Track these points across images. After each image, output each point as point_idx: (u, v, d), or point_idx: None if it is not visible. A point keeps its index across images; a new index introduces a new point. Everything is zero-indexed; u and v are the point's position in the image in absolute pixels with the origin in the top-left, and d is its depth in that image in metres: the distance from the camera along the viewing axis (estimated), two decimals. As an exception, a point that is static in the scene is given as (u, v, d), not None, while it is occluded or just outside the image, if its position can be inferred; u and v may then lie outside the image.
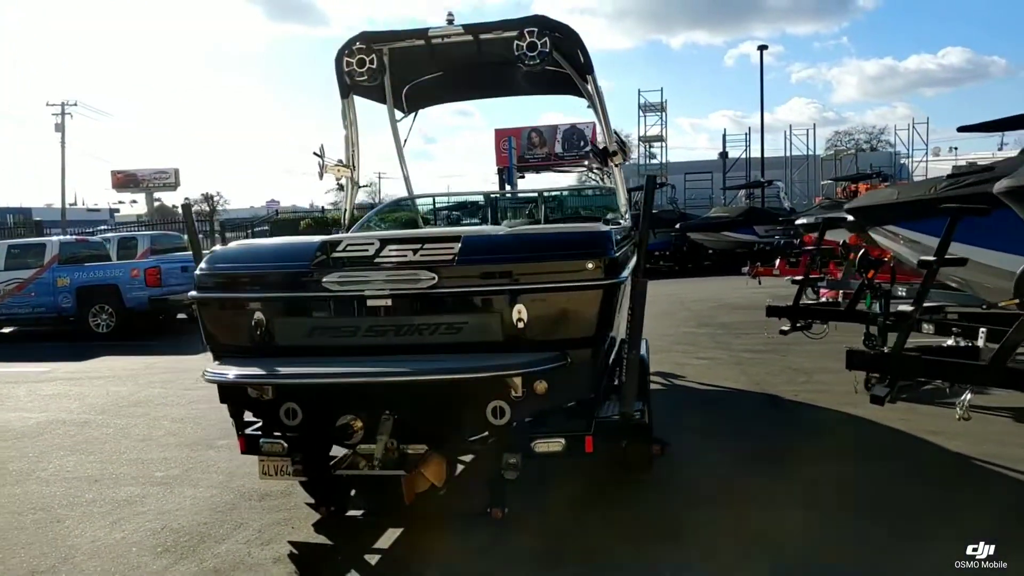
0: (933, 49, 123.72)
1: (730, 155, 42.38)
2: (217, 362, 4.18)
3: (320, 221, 30.12)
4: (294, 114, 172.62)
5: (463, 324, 4.04)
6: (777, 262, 14.75)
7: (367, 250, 4.05)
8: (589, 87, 5.90)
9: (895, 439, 5.99)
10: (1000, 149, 54.38)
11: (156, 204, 64.21)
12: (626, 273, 4.23)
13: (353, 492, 4.88)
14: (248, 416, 4.58)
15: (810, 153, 42.30)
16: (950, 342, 6.02)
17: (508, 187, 28.39)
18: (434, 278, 3.94)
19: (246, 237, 30.78)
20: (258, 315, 4.16)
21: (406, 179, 7.86)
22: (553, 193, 8.32)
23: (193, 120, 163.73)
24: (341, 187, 8.07)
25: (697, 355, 9.97)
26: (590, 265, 3.95)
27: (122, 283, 13.91)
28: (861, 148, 48.83)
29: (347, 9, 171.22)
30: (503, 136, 39.33)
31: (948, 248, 4.81)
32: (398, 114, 7.35)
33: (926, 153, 40.52)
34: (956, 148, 46.35)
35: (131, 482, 5.59)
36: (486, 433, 4.09)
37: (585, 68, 5.78)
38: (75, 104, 50.40)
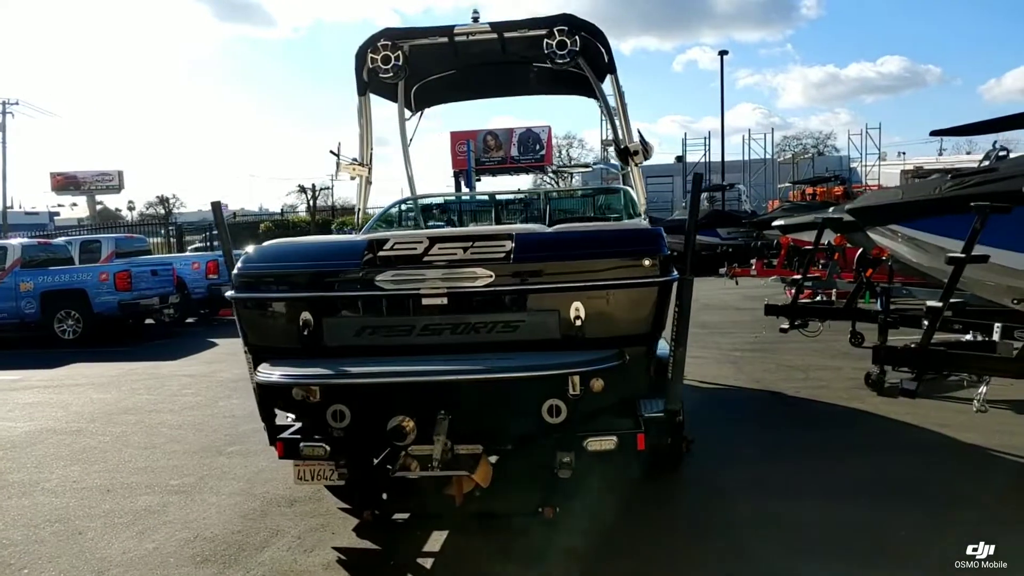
0: (872, 57, 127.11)
1: (688, 159, 42.93)
2: (266, 364, 4.04)
3: (281, 224, 29.57)
4: (243, 116, 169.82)
5: (520, 322, 3.99)
6: (754, 263, 14.96)
7: (415, 248, 3.98)
8: (610, 86, 5.90)
9: (909, 432, 6.11)
10: (940, 155, 56.25)
11: (99, 207, 62.41)
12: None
13: (384, 495, 4.77)
14: (280, 420, 4.49)
15: (768, 157, 43.22)
16: (968, 337, 6.15)
17: (465, 188, 28.34)
18: (491, 276, 3.89)
19: (206, 240, 30.18)
20: (305, 315, 4.05)
21: (410, 179, 7.77)
22: (553, 193, 8.29)
23: (139, 122, 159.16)
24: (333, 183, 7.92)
25: (689, 354, 10.01)
26: (646, 262, 3.94)
27: (90, 287, 13.45)
28: (807, 153, 49.95)
29: (294, 10, 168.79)
30: (459, 139, 39.18)
31: (974, 245, 4.92)
32: (405, 112, 7.26)
33: (878, 157, 41.66)
34: (904, 153, 47.83)
35: (146, 491, 5.40)
36: (541, 432, 4.05)
37: (609, 67, 5.77)
38: (16, 103, 48.58)
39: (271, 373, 3.92)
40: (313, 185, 28.50)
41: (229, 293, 4.20)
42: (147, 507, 5.07)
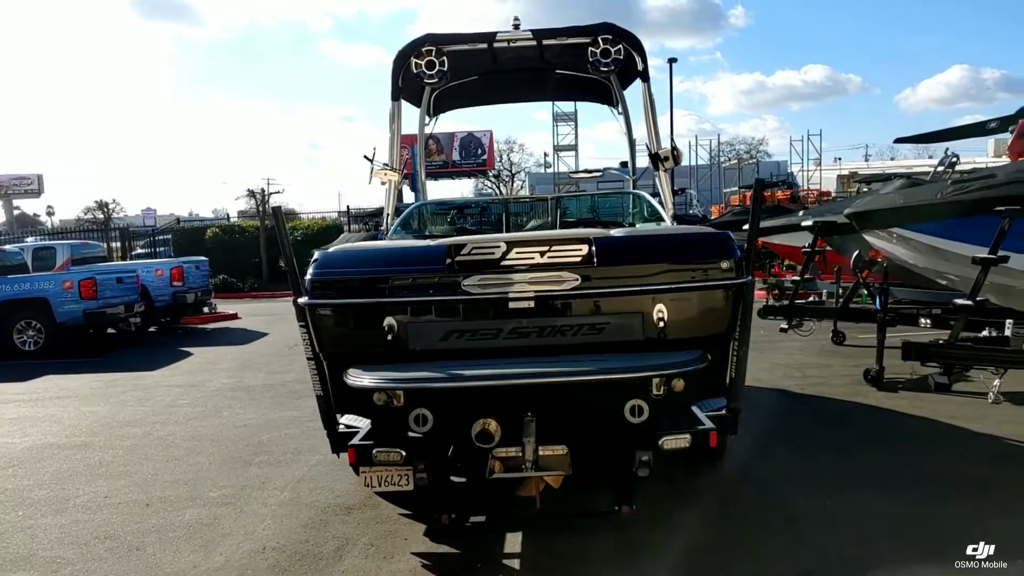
0: (796, 66, 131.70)
1: (627, 165, 43.50)
2: (355, 368, 4.02)
3: (228, 229, 28.87)
4: (173, 117, 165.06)
5: (605, 324, 4.08)
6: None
7: (493, 253, 4.03)
8: (641, 94, 6.02)
9: (924, 426, 6.39)
10: (866, 160, 58.47)
11: (16, 212, 59.80)
12: None
13: (436, 499, 4.76)
14: (342, 427, 4.46)
15: (714, 163, 44.26)
16: (985, 333, 6.48)
17: (414, 193, 28.24)
18: (577, 279, 3.97)
19: (148, 246, 29.27)
20: (390, 319, 4.05)
21: (422, 184, 7.78)
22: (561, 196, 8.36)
23: (61, 125, 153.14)
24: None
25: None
26: (724, 265, 4.10)
27: (53, 296, 12.92)
28: (751, 159, 51.38)
29: (225, 10, 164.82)
30: (402, 143, 38.98)
31: (999, 246, 5.22)
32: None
33: (819, 163, 43.13)
34: (839, 159, 49.67)
35: (188, 504, 5.27)
36: (622, 431, 4.13)
37: (643, 75, 5.90)
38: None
39: (364, 377, 3.92)
40: (263, 190, 28.00)
41: (302, 300, 4.15)
42: (197, 520, 4.96)
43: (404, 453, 4.10)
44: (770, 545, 4.30)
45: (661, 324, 4.02)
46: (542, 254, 4.02)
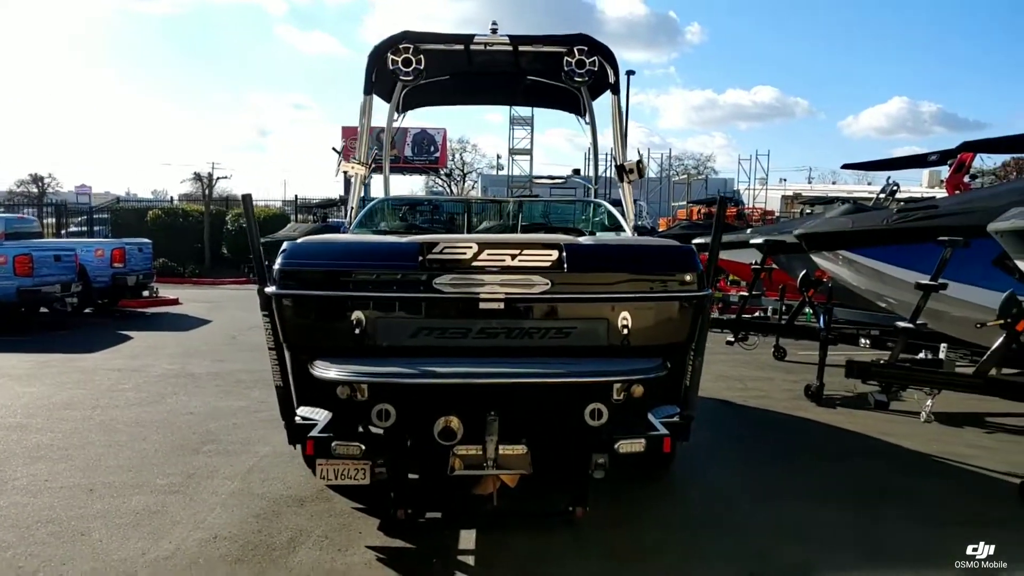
0: (747, 86, 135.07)
1: (580, 173, 43.95)
2: (322, 360, 4.02)
3: (171, 212, 28.15)
4: (113, 92, 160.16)
5: (572, 328, 4.17)
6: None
7: (464, 253, 4.08)
8: (610, 105, 6.13)
9: (859, 440, 6.66)
10: (809, 182, 60.08)
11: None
12: None
13: (392, 492, 4.77)
14: (299, 418, 4.45)
15: (664, 176, 45.04)
16: (921, 355, 6.78)
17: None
18: (547, 283, 4.05)
19: (84, 224, 28.39)
20: (359, 314, 4.06)
21: (386, 179, 7.76)
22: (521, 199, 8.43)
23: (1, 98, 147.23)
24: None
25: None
26: (688, 278, 4.24)
27: (-15, 271, 12.48)
28: (700, 175, 52.38)
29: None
30: (351, 135, 38.74)
31: (940, 274, 5.49)
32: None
33: (766, 181, 44.24)
34: (784, 179, 51.07)
35: (134, 491, 5.17)
36: (581, 434, 4.22)
37: (613, 87, 6.01)
38: None
39: (331, 369, 3.92)
40: (210, 174, 27.41)
41: (269, 289, 4.13)
42: (145, 507, 4.88)
43: (363, 447, 4.12)
44: (718, 548, 4.43)
45: (625, 331, 4.13)
46: (513, 257, 4.09)
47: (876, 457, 6.19)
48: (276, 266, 4.16)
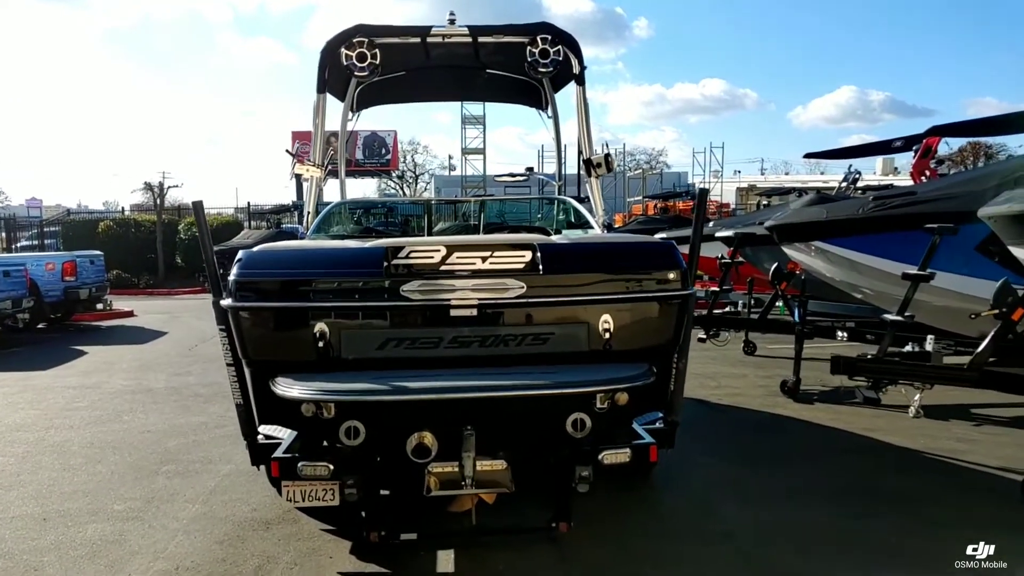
0: (696, 79, 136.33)
1: (535, 171, 43.84)
2: (284, 377, 3.77)
3: (122, 223, 27.40)
4: (60, 104, 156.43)
5: (550, 334, 3.97)
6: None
7: (432, 257, 3.87)
8: (574, 97, 5.95)
9: (843, 437, 6.56)
10: (762, 173, 60.67)
11: None
12: None
13: (364, 514, 4.54)
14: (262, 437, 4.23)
15: (618, 171, 44.96)
16: (908, 348, 6.67)
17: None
18: (523, 287, 3.85)
19: (34, 238, 27.56)
20: (322, 326, 3.83)
21: (342, 182, 7.49)
22: (486, 199, 8.21)
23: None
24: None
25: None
26: (671, 276, 4.05)
27: (-72, 289, 11.93)
28: (654, 169, 52.63)
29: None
30: (302, 139, 38.23)
31: (929, 263, 5.37)
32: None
33: (721, 174, 44.46)
34: (739, 171, 51.45)
35: (89, 519, 4.87)
36: (562, 446, 4.02)
37: (578, 78, 5.83)
38: None
39: (294, 387, 3.67)
40: (160, 183, 26.67)
41: (225, 302, 3.87)
42: (101, 536, 4.58)
43: (331, 467, 3.90)
44: (711, 561, 4.26)
45: (607, 335, 3.95)
46: (483, 259, 3.88)
47: (863, 454, 6.08)
48: (231, 277, 3.90)
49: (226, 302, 3.86)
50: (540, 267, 3.87)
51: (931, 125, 11.31)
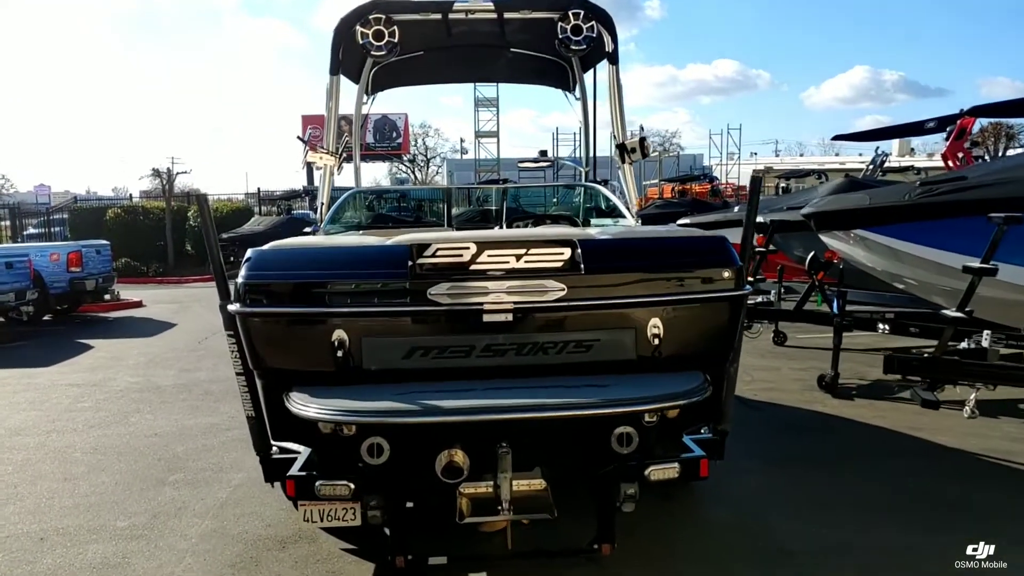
0: (708, 60, 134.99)
1: (548, 154, 43.26)
2: (300, 392, 3.39)
3: (131, 210, 27.06)
4: (70, 89, 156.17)
5: (594, 341, 3.57)
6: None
7: (461, 255, 3.46)
8: (609, 78, 5.52)
9: (889, 438, 6.15)
10: (776, 155, 60.04)
11: None
12: None
13: (388, 532, 4.17)
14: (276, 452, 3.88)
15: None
16: (963, 345, 6.24)
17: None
18: (564, 289, 3.45)
19: (42, 227, 27.27)
20: (339, 333, 3.44)
21: (356, 168, 7.09)
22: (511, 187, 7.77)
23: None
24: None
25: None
26: (727, 273, 3.65)
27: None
28: (670, 152, 51.92)
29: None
30: (312, 123, 37.84)
31: (993, 254, 4.95)
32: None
33: (738, 156, 43.82)
34: (755, 153, 50.78)
35: (91, 537, 4.52)
36: (606, 463, 3.64)
37: (611, 57, 5.40)
38: None
39: (311, 406, 3.29)
40: (169, 169, 26.29)
41: (232, 307, 3.49)
42: (103, 559, 4.23)
43: (352, 486, 3.54)
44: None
45: (656, 341, 3.55)
46: (518, 258, 3.48)
47: (915, 457, 5.67)
48: (240, 279, 3.51)
49: (234, 307, 3.48)
50: (582, 266, 3.47)
51: (962, 107, 10.80)
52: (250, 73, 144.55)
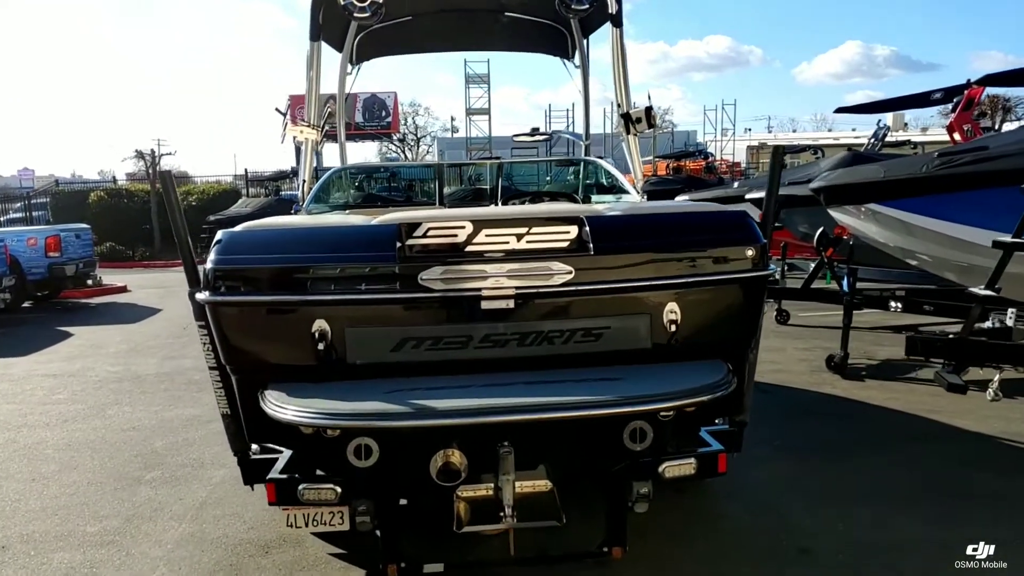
0: (700, 36, 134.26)
1: (540, 130, 42.74)
2: (275, 391, 3.05)
3: (115, 193, 26.51)
4: (54, 70, 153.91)
5: (605, 328, 3.23)
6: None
7: (456, 235, 3.11)
8: (612, 43, 5.14)
9: (906, 421, 5.87)
10: (769, 131, 59.68)
11: None
12: None
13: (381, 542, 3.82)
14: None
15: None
16: (988, 324, 5.93)
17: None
18: (571, 272, 3.10)
19: (24, 210, 26.71)
20: (320, 324, 3.09)
21: (342, 146, 6.69)
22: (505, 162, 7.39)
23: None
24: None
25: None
26: (749, 252, 3.32)
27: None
28: (665, 129, 51.40)
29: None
30: (300, 103, 37.13)
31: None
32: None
33: (733, 132, 43.40)
34: (749, 129, 50.37)
35: (57, 545, 4.18)
36: (618, 460, 3.32)
37: (615, 20, 5.02)
38: None
39: (288, 407, 2.94)
40: (153, 151, 25.71)
41: (203, 295, 3.14)
42: (68, 570, 3.89)
43: (339, 490, 3.21)
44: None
45: (673, 328, 3.22)
46: (519, 237, 3.13)
47: (936, 443, 5.38)
48: (209, 264, 3.16)
49: (203, 295, 3.13)
50: (591, 245, 3.12)
51: (969, 78, 10.44)
52: (240, 53, 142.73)
